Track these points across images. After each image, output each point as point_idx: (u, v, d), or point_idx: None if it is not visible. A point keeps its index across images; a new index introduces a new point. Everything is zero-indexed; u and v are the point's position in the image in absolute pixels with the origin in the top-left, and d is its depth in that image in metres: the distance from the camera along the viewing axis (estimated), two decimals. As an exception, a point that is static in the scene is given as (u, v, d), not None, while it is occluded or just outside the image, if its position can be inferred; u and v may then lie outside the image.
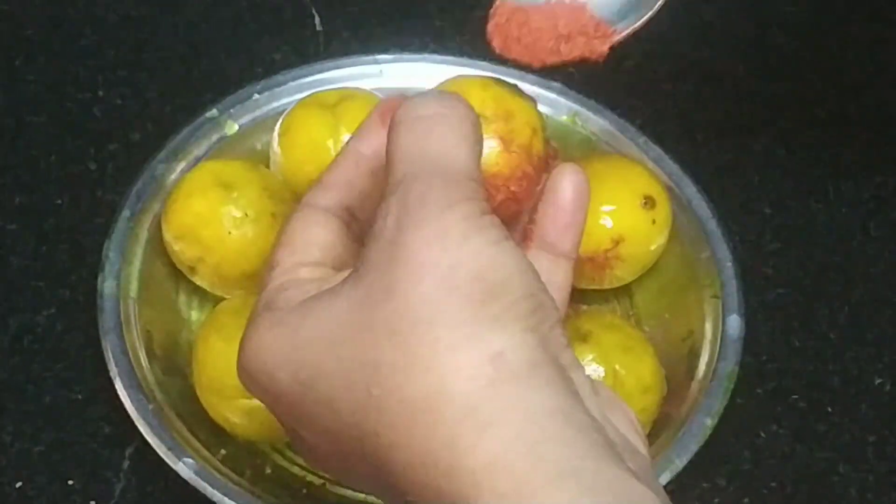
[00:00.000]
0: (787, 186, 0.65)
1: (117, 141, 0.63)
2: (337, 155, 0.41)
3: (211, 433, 0.50)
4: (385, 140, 0.35)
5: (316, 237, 0.38)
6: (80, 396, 0.54)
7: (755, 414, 0.56)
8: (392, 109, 0.37)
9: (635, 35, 0.62)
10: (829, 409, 0.56)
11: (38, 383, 0.54)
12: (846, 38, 0.73)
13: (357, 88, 0.58)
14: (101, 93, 0.65)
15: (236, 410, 0.49)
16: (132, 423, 0.49)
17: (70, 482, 0.51)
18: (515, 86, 0.45)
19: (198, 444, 0.49)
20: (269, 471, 0.51)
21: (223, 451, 0.50)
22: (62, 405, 0.54)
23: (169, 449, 0.48)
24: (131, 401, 0.49)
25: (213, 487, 0.47)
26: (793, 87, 0.70)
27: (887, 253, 0.62)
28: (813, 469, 0.54)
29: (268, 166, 0.57)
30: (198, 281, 0.54)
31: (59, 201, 0.61)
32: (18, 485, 0.51)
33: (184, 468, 0.47)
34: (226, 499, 0.47)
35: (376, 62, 0.61)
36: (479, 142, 0.35)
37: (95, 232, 0.57)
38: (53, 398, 0.54)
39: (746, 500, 0.53)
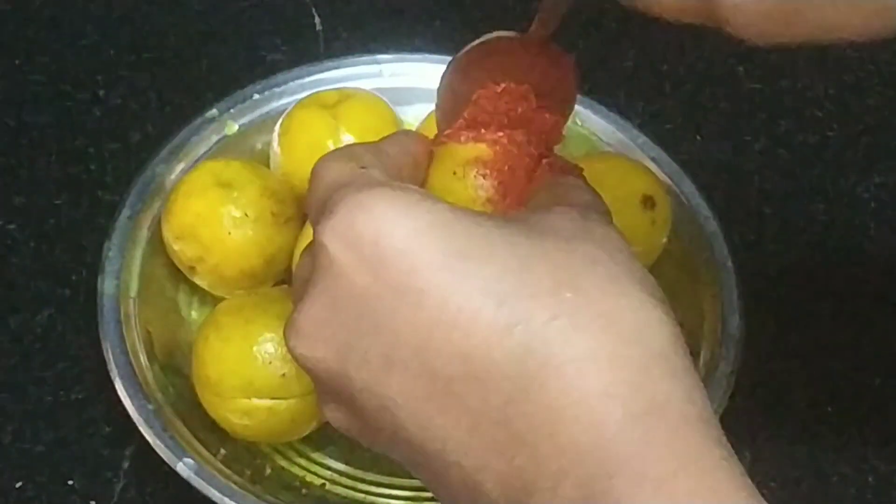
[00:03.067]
0: (787, 186, 0.65)
1: (117, 141, 0.63)
2: (387, 137, 0.40)
3: (211, 433, 0.50)
4: (427, 157, 0.40)
5: (387, 166, 0.37)
6: (80, 396, 0.54)
7: (755, 414, 0.56)
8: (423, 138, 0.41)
9: (635, 35, 0.62)
10: (829, 409, 0.56)
11: (39, 383, 0.54)
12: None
13: (357, 88, 0.59)
14: (101, 93, 0.66)
15: (236, 410, 0.49)
16: (132, 423, 0.49)
17: (70, 482, 0.51)
18: None
19: (198, 444, 0.49)
20: (268, 471, 0.51)
21: (223, 451, 0.50)
22: (62, 405, 0.54)
23: (169, 449, 0.48)
24: (131, 401, 0.49)
25: (212, 487, 0.47)
26: (793, 87, 0.70)
27: (887, 253, 0.62)
28: (813, 469, 0.54)
29: (268, 166, 0.57)
30: (198, 281, 0.54)
31: (59, 201, 0.61)
32: (18, 484, 0.51)
33: (184, 468, 0.47)
34: (226, 499, 0.47)
35: (376, 62, 0.61)
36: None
37: (95, 232, 0.57)
38: (53, 398, 0.54)
39: (746, 500, 0.53)
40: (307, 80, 0.61)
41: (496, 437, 0.30)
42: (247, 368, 0.48)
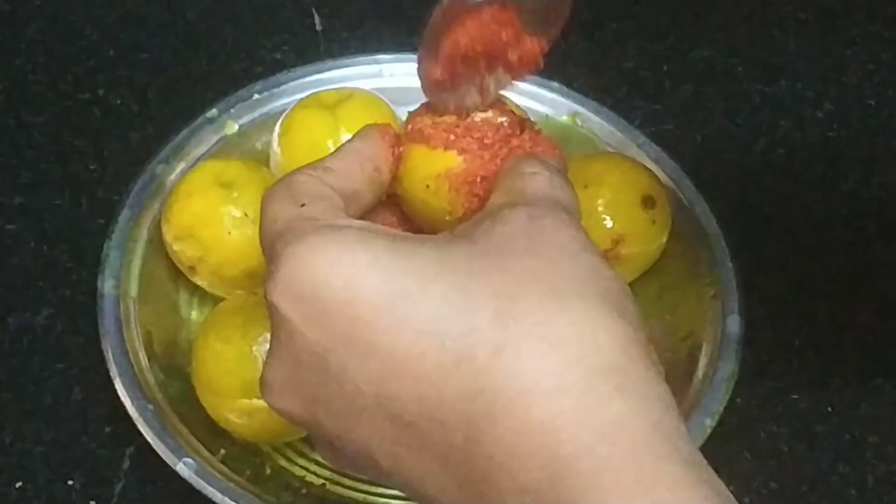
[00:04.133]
0: (787, 186, 0.65)
1: (117, 141, 0.63)
2: (339, 148, 0.40)
3: (211, 433, 0.50)
4: (389, 159, 0.39)
5: (334, 198, 0.37)
6: (80, 397, 0.54)
7: (755, 414, 0.56)
8: (388, 131, 0.40)
9: (635, 35, 0.62)
10: (829, 409, 0.56)
11: (39, 383, 0.54)
12: (846, 38, 0.73)
13: (357, 88, 0.59)
14: (101, 93, 0.66)
15: (236, 410, 0.49)
16: (132, 423, 0.49)
17: (70, 482, 0.51)
18: None
19: (198, 444, 0.49)
20: (268, 471, 0.51)
21: (223, 451, 0.50)
22: (62, 405, 0.54)
23: (169, 449, 0.48)
24: (131, 401, 0.49)
25: (212, 487, 0.47)
26: (793, 88, 0.70)
27: (887, 253, 0.62)
28: (813, 469, 0.54)
29: (268, 166, 0.57)
30: (198, 281, 0.54)
31: (59, 201, 0.61)
32: (19, 485, 0.51)
33: (184, 468, 0.47)
34: (226, 499, 0.47)
35: (376, 62, 0.61)
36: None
37: (95, 232, 0.57)
38: (54, 398, 0.54)
39: (746, 500, 0.53)
40: (307, 80, 0.61)
41: (465, 475, 0.30)
42: (246, 368, 0.48)
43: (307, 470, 0.51)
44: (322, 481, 0.51)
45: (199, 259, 0.53)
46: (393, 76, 0.61)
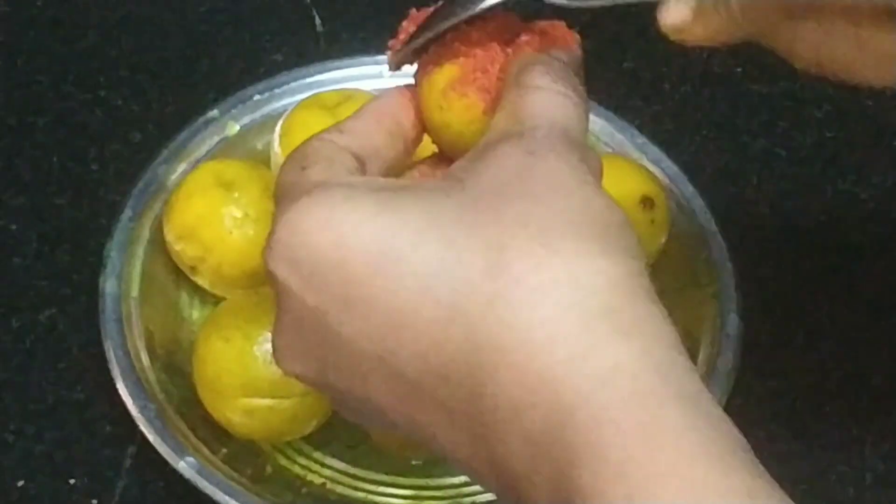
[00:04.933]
0: (787, 186, 0.65)
1: (119, 141, 0.63)
2: (357, 109, 0.39)
3: (212, 432, 0.50)
4: (410, 110, 0.38)
5: (342, 157, 0.36)
6: (81, 396, 0.54)
7: (754, 413, 0.56)
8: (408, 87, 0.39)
9: (634, 35, 0.62)
10: (828, 409, 0.56)
11: (40, 383, 0.54)
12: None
13: (357, 89, 0.59)
14: (102, 93, 0.66)
15: (237, 410, 0.49)
16: (133, 422, 0.49)
17: (72, 481, 0.51)
18: None
19: (199, 444, 0.49)
20: (269, 470, 0.51)
21: (224, 451, 0.50)
22: (64, 404, 0.54)
23: (170, 448, 0.48)
24: (133, 400, 0.49)
25: (214, 486, 0.47)
26: (792, 87, 0.70)
27: (886, 253, 0.63)
28: (811, 468, 0.55)
29: (269, 167, 0.57)
30: (199, 280, 0.54)
31: (61, 201, 0.61)
32: (21, 483, 0.51)
33: (185, 467, 0.47)
34: (227, 497, 0.47)
35: (377, 63, 0.62)
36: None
37: (97, 232, 0.57)
38: (55, 397, 0.54)
39: (745, 499, 0.53)
40: (308, 80, 0.61)
41: (473, 429, 0.30)
42: (247, 368, 0.48)
43: (308, 469, 0.52)
44: (322, 480, 0.51)
45: (201, 259, 0.53)
46: (393, 77, 0.61)
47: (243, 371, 0.49)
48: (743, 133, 0.67)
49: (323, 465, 0.52)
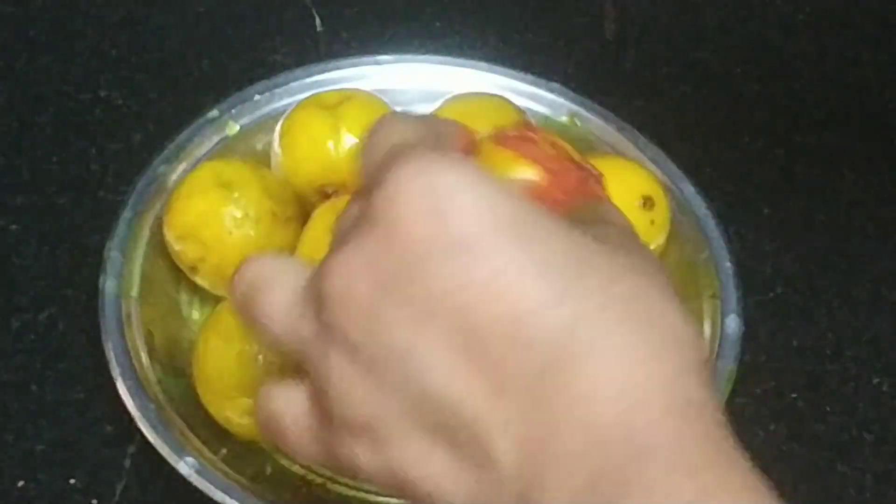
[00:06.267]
0: (787, 186, 0.65)
1: (119, 141, 0.63)
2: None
3: (212, 432, 0.50)
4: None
5: None
6: (81, 396, 0.54)
7: (754, 414, 0.56)
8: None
9: (635, 35, 0.62)
10: (828, 409, 0.57)
11: (40, 383, 0.54)
12: (846, 38, 0.73)
13: (357, 89, 0.59)
14: (102, 93, 0.66)
15: (237, 409, 0.49)
16: (133, 422, 0.49)
17: (72, 481, 0.51)
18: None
19: (199, 444, 0.49)
20: (269, 470, 0.51)
21: (224, 451, 0.50)
22: (64, 405, 0.54)
23: (170, 448, 0.48)
24: (133, 400, 0.49)
25: (214, 486, 0.47)
26: (792, 87, 0.70)
27: (886, 253, 0.63)
28: (811, 469, 0.55)
29: (269, 167, 0.57)
30: (199, 281, 0.54)
31: (61, 201, 0.61)
32: (20, 484, 0.51)
33: (185, 467, 0.47)
34: (227, 497, 0.47)
35: (377, 63, 0.62)
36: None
37: (97, 232, 0.57)
38: (55, 397, 0.54)
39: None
40: (308, 80, 0.61)
41: (522, 404, 0.30)
42: (247, 368, 0.48)
43: (308, 469, 0.52)
44: (322, 480, 0.51)
45: (201, 259, 0.53)
46: (393, 77, 0.61)
47: (242, 371, 0.49)
48: (743, 133, 0.67)
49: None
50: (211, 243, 0.53)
